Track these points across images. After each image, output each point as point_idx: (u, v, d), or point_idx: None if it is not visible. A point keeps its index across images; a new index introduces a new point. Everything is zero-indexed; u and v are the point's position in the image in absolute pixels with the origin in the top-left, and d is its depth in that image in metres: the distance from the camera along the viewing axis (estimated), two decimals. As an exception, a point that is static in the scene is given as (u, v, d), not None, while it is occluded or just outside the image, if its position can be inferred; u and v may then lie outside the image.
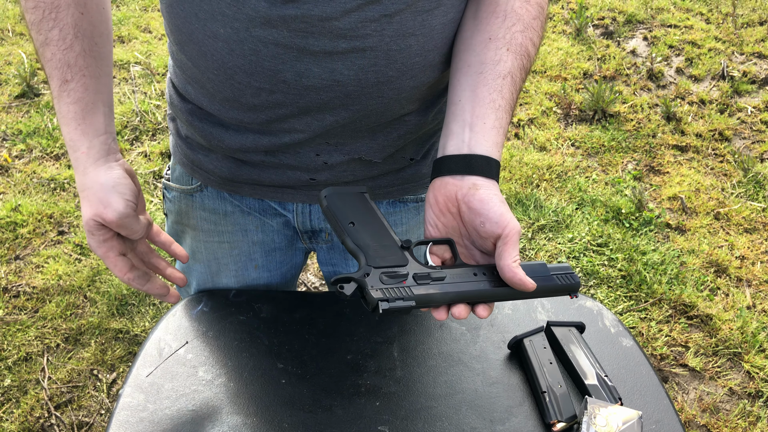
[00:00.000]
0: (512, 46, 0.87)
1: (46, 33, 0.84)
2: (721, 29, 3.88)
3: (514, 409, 0.91)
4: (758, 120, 3.21)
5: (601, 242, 2.56)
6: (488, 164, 0.82)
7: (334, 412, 0.90)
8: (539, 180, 2.86)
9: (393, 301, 0.74)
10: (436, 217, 0.83)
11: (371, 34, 0.83)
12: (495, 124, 0.84)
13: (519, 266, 0.76)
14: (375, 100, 0.90)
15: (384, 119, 0.95)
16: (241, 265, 1.12)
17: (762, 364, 2.10)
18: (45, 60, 0.86)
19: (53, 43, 0.84)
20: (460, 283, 0.78)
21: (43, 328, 2.18)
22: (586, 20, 3.83)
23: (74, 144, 0.86)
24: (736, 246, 2.54)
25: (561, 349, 0.98)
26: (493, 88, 0.85)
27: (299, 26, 0.82)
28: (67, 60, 0.85)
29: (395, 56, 0.86)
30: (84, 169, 0.85)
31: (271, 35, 0.82)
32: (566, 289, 0.84)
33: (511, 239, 0.77)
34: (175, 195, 1.12)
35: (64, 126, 0.86)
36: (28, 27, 0.87)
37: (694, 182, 2.85)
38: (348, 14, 0.81)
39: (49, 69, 0.86)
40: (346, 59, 0.85)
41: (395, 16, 0.83)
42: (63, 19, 0.84)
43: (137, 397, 0.90)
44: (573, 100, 3.31)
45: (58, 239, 2.53)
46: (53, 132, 3.06)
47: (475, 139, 0.83)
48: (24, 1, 0.86)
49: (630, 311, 2.30)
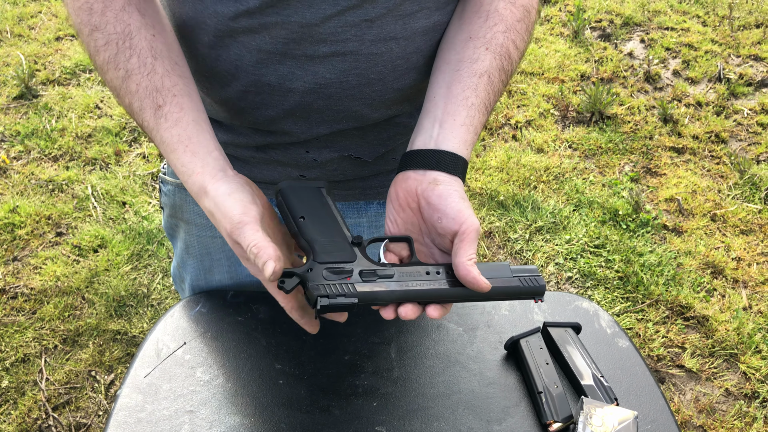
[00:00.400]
0: (492, 46, 0.86)
1: (125, 65, 0.78)
2: (717, 32, 3.89)
3: (510, 409, 0.92)
4: (754, 122, 3.22)
5: (599, 243, 2.56)
6: (453, 161, 0.81)
7: (331, 412, 0.90)
8: (537, 181, 2.87)
9: (334, 297, 0.72)
10: (395, 212, 0.82)
11: (351, 38, 0.84)
12: (465, 122, 0.83)
13: (474, 265, 0.74)
14: (358, 102, 0.91)
15: (371, 120, 0.95)
16: (234, 261, 1.12)
17: (758, 365, 2.11)
18: (131, 95, 0.79)
19: (135, 71, 0.78)
20: (409, 281, 0.75)
21: (41, 330, 2.18)
22: (583, 22, 3.84)
23: (187, 168, 0.77)
24: (733, 247, 2.55)
25: (557, 350, 0.98)
26: (468, 85, 0.84)
27: (280, 33, 0.83)
28: (153, 85, 0.78)
29: (376, 59, 0.87)
30: (204, 189, 0.76)
31: (254, 41, 0.84)
32: (530, 292, 0.80)
33: (468, 236, 0.75)
34: (170, 188, 1.12)
35: (171, 154, 0.78)
36: (103, 70, 0.80)
37: (691, 184, 2.85)
38: (329, 20, 0.82)
39: (138, 102, 0.79)
40: (327, 63, 0.85)
41: (376, 20, 0.84)
42: (138, 45, 0.79)
43: (135, 398, 0.91)
44: (570, 102, 3.32)
45: (56, 240, 2.53)
46: (51, 133, 3.06)
47: (443, 135, 0.82)
48: (93, 42, 0.79)
49: (627, 312, 2.30)
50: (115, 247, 2.49)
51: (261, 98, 0.90)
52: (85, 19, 0.79)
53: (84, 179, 2.83)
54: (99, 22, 0.78)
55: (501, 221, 2.66)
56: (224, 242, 1.11)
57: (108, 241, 2.51)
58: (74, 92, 3.37)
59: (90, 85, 3.44)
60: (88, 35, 0.79)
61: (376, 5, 0.83)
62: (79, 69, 3.56)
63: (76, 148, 3.00)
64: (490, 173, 2.90)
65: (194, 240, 1.13)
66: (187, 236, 1.14)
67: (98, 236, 2.53)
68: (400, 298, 0.74)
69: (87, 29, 0.79)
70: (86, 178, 2.84)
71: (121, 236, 2.54)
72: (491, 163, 2.95)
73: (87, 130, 3.11)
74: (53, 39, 3.81)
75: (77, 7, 0.79)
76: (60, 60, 3.63)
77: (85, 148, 3.01)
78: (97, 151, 2.99)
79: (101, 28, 0.78)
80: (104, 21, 0.78)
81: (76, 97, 3.33)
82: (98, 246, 2.51)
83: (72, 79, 3.49)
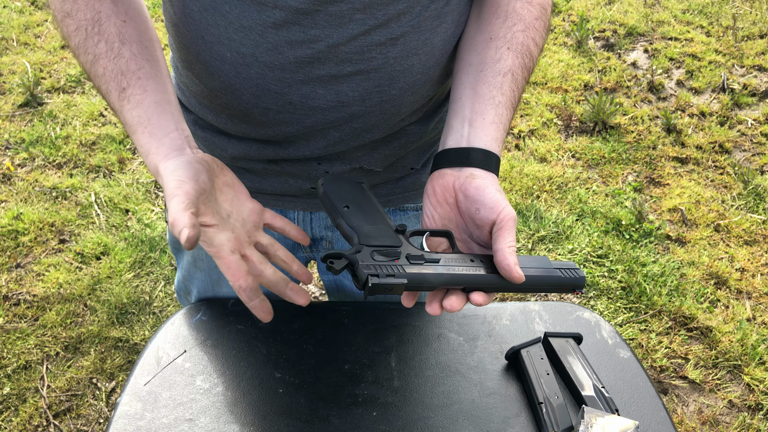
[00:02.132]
0: (513, 45, 0.87)
1: (93, 49, 0.81)
2: (721, 42, 3.90)
3: (510, 420, 0.91)
4: (758, 132, 3.22)
5: (601, 254, 2.56)
6: (486, 157, 0.82)
7: (331, 421, 0.90)
8: (539, 191, 2.86)
9: (384, 276, 0.72)
10: (432, 208, 0.83)
11: (376, 57, 0.84)
12: (494, 120, 0.84)
13: (513, 252, 0.74)
14: (378, 117, 0.91)
15: (386, 132, 0.96)
16: None
17: (762, 376, 2.10)
18: (99, 78, 0.81)
19: (102, 56, 0.80)
20: (455, 266, 0.75)
21: (42, 337, 2.18)
22: (587, 32, 3.85)
23: (144, 149, 0.79)
24: (736, 258, 2.54)
25: (558, 360, 0.98)
26: (493, 85, 0.85)
27: (306, 53, 0.82)
28: (119, 68, 0.80)
29: (398, 76, 0.87)
30: (157, 169, 0.77)
31: (278, 60, 0.83)
32: (570, 284, 0.80)
33: (506, 225, 0.76)
34: None
35: (132, 135, 0.80)
36: (75, 54, 0.83)
37: (695, 194, 2.85)
38: (355, 39, 0.82)
39: (105, 85, 0.81)
40: (351, 81, 0.86)
41: (400, 38, 0.84)
42: (106, 30, 0.81)
43: (135, 406, 0.90)
44: (573, 112, 3.32)
45: (59, 248, 2.54)
46: (56, 141, 3.07)
47: (474, 133, 0.84)
48: (65, 27, 0.82)
49: (630, 323, 2.30)
50: (117, 254, 2.49)
51: (282, 116, 0.90)
52: (59, 5, 0.82)
53: (87, 187, 2.84)
54: (71, 8, 0.81)
55: (504, 230, 2.66)
56: None
57: (111, 249, 2.52)
58: (79, 100, 3.39)
59: (94, 93, 3.46)
60: (61, 21, 0.83)
61: (401, 23, 0.83)
62: (84, 77, 3.58)
63: (80, 155, 3.02)
64: (493, 182, 2.90)
65: (203, 253, 1.13)
66: (195, 250, 1.13)
67: (101, 244, 2.54)
68: (448, 282, 0.74)
69: (60, 15, 0.82)
70: (90, 185, 2.85)
71: (124, 244, 2.54)
72: (494, 173, 2.95)
73: (91, 138, 3.12)
74: (59, 47, 3.83)
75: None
76: (65, 68, 3.65)
77: (89, 156, 3.02)
78: (101, 158, 3.00)
79: (72, 14, 0.81)
80: (75, 8, 0.81)
81: (80, 105, 3.34)
82: (101, 253, 2.51)
83: (77, 87, 3.51)
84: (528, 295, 2.43)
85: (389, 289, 0.72)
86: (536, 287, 0.80)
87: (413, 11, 0.83)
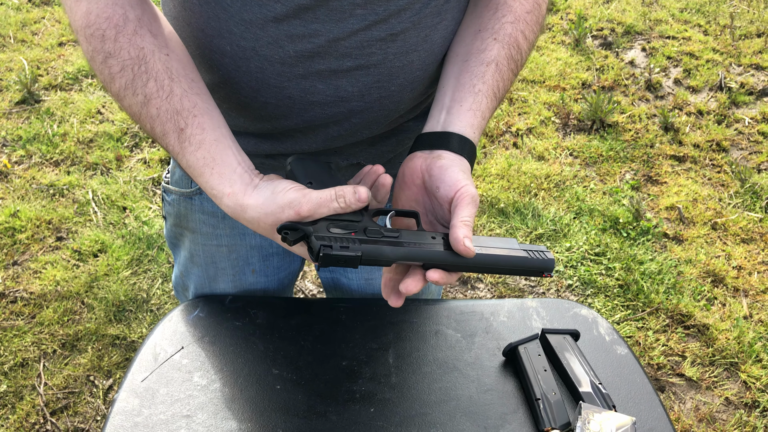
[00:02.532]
0: (500, 36, 0.88)
1: (143, 89, 0.77)
2: (719, 41, 3.90)
3: (508, 416, 0.92)
4: (755, 131, 3.23)
5: (599, 251, 2.56)
6: (459, 141, 0.82)
7: (328, 418, 0.90)
8: (537, 189, 2.87)
9: (337, 249, 0.71)
10: (399, 190, 0.83)
11: (376, 52, 0.84)
12: (472, 107, 0.85)
13: (465, 225, 0.74)
14: (377, 113, 0.91)
15: (384, 129, 0.96)
16: (239, 270, 1.12)
17: (758, 374, 2.11)
18: (153, 120, 0.78)
19: (153, 96, 0.77)
20: (414, 242, 0.75)
21: (39, 334, 2.18)
22: (585, 31, 3.85)
23: (217, 192, 0.78)
24: (733, 256, 2.55)
25: (555, 357, 0.98)
26: (475, 74, 0.86)
27: (306, 47, 0.82)
28: (173, 107, 0.77)
29: (398, 72, 0.87)
30: (242, 206, 0.76)
31: (278, 54, 0.83)
32: (537, 266, 0.79)
33: (462, 200, 0.76)
34: (175, 198, 1.12)
35: (199, 178, 0.78)
36: (120, 97, 0.79)
37: (692, 192, 2.85)
38: (355, 34, 0.82)
39: (160, 127, 0.78)
40: (350, 77, 0.86)
41: (400, 34, 0.84)
42: (153, 68, 0.77)
43: (132, 402, 0.90)
44: (571, 110, 3.32)
45: (56, 245, 2.54)
46: (53, 138, 3.07)
47: (450, 119, 0.84)
48: (107, 69, 0.77)
49: (627, 320, 2.30)
50: (115, 252, 2.49)
51: (281, 110, 0.90)
52: (98, 46, 0.77)
53: (85, 184, 2.83)
54: (112, 48, 0.76)
55: (501, 228, 2.66)
56: (230, 251, 1.11)
57: (108, 246, 2.51)
58: (76, 97, 3.39)
59: (92, 91, 3.45)
60: (101, 63, 0.78)
61: (401, 19, 0.83)
62: (81, 74, 3.57)
63: (78, 153, 3.01)
64: (490, 180, 2.90)
65: (199, 249, 1.13)
66: (192, 245, 1.13)
67: (98, 241, 2.53)
68: (405, 257, 0.74)
69: (101, 56, 0.77)
70: (87, 182, 2.84)
71: (121, 241, 2.54)
72: (492, 171, 2.95)
73: (88, 135, 3.11)
74: (56, 44, 3.83)
75: (89, 35, 0.77)
76: (62, 65, 3.64)
77: (87, 153, 3.01)
78: (99, 156, 2.99)
79: (115, 54, 0.76)
80: (118, 47, 0.76)
81: (78, 103, 3.34)
82: (98, 251, 2.51)
83: (74, 85, 3.50)
84: (525, 293, 2.43)
85: (343, 261, 0.71)
86: (499, 267, 0.78)
87: (413, 7, 0.83)
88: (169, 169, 1.14)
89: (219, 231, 1.10)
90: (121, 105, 0.80)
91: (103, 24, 0.76)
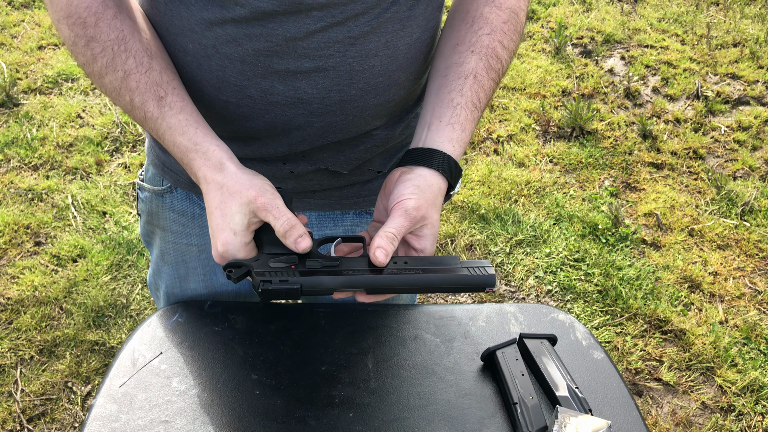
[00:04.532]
0: (477, 48, 0.90)
1: (123, 66, 0.83)
2: (696, 50, 3.97)
3: (486, 420, 0.92)
4: (731, 139, 3.28)
5: (578, 257, 2.59)
6: (438, 157, 0.86)
7: (307, 423, 0.90)
8: (518, 195, 2.89)
9: (277, 283, 0.76)
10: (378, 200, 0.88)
11: (334, 54, 0.86)
12: (451, 121, 0.88)
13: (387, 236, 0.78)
14: (339, 117, 0.92)
15: (349, 134, 0.97)
16: (209, 270, 1.12)
17: (734, 378, 2.14)
18: (132, 92, 0.83)
19: (133, 71, 0.83)
20: (353, 269, 0.80)
21: (17, 340, 2.15)
22: (565, 39, 3.89)
23: (200, 146, 0.83)
24: (710, 262, 2.59)
25: (533, 361, 0.99)
26: (453, 87, 0.89)
27: (264, 45, 0.84)
28: (153, 80, 0.83)
29: (358, 76, 0.88)
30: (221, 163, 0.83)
31: (237, 53, 0.85)
32: (478, 282, 0.83)
33: (395, 212, 0.80)
34: (147, 195, 1.13)
35: (180, 136, 0.83)
36: (100, 75, 0.84)
37: (669, 199, 2.89)
38: (312, 35, 0.84)
39: (139, 97, 0.83)
40: (309, 78, 0.87)
41: (359, 38, 0.85)
42: (133, 47, 0.83)
43: (110, 408, 0.90)
44: (551, 117, 3.36)
45: (34, 250, 2.51)
46: (32, 142, 3.04)
47: (431, 136, 0.88)
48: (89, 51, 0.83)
49: (606, 326, 2.32)
50: (94, 257, 2.47)
51: (242, 110, 0.91)
52: (80, 32, 0.82)
53: (64, 188, 2.81)
54: (94, 33, 0.82)
55: (482, 234, 2.68)
56: (200, 250, 1.11)
57: (87, 251, 2.49)
58: (56, 101, 3.36)
59: (72, 95, 3.42)
60: (84, 46, 0.83)
61: (359, 23, 0.84)
62: (61, 78, 3.54)
63: (57, 157, 2.98)
64: (471, 187, 2.92)
65: (170, 247, 1.13)
66: (163, 243, 1.14)
67: (77, 246, 2.51)
68: (343, 285, 0.79)
69: (83, 41, 0.83)
70: (66, 187, 2.82)
71: (101, 246, 2.52)
72: (473, 177, 2.97)
73: (68, 140, 3.09)
74: (36, 48, 3.79)
75: (71, 24, 0.82)
76: (42, 69, 3.61)
77: (66, 158, 2.99)
78: (78, 160, 2.97)
79: (97, 37, 0.82)
80: (98, 31, 0.82)
81: (57, 107, 3.31)
82: (77, 256, 2.49)
83: (54, 88, 3.47)
84: (506, 298, 2.44)
85: (284, 294, 0.76)
86: (436, 286, 0.82)
87: (372, 12, 0.85)
88: (144, 166, 1.15)
89: (189, 230, 1.10)
90: (100, 83, 0.85)
91: (83, 12, 0.82)
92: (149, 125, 0.85)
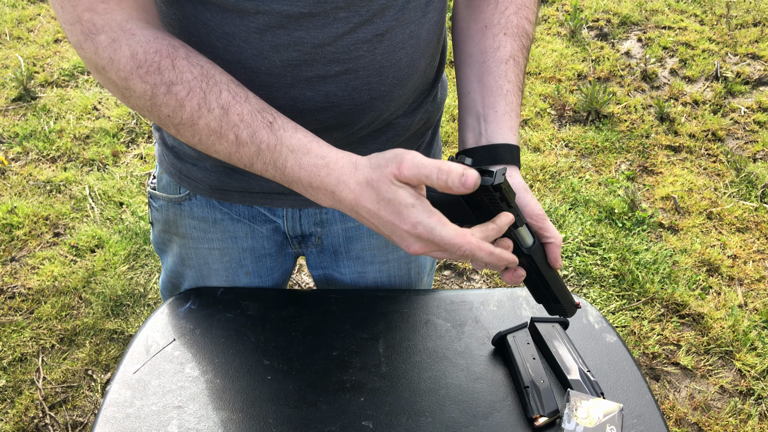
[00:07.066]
0: (509, 30, 0.90)
1: (218, 101, 0.74)
2: (714, 30, 3.90)
3: (497, 404, 0.92)
4: (751, 120, 3.23)
5: (594, 242, 2.57)
6: (507, 151, 0.87)
7: (318, 407, 0.91)
8: (533, 180, 2.87)
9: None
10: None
11: (364, 54, 0.83)
12: (506, 110, 0.88)
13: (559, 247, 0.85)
14: (368, 115, 0.91)
15: (374, 128, 0.96)
16: (232, 272, 1.12)
17: (753, 362, 2.12)
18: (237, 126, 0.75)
19: (231, 103, 0.75)
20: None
21: (38, 329, 2.19)
22: (580, 22, 3.85)
23: (330, 159, 0.74)
24: (729, 245, 2.56)
25: (544, 345, 0.99)
26: (498, 74, 0.89)
27: (292, 55, 0.81)
28: (254, 107, 0.76)
29: (386, 72, 0.87)
30: (353, 163, 0.74)
31: (264, 65, 0.82)
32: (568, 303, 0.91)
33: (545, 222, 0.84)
34: (162, 204, 1.11)
35: (305, 155, 0.75)
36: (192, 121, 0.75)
37: (687, 182, 2.86)
38: (341, 38, 0.81)
39: (247, 129, 0.75)
40: (339, 81, 0.85)
41: (386, 33, 0.83)
42: (221, 79, 0.76)
43: (124, 394, 0.91)
44: (567, 102, 3.33)
45: (53, 241, 2.54)
46: (49, 135, 3.07)
47: (491, 129, 0.88)
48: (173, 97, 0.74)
49: (622, 310, 2.31)
50: (112, 247, 2.50)
51: None
52: (157, 80, 0.74)
53: (82, 180, 2.84)
54: (173, 76, 0.74)
55: (497, 220, 2.66)
56: (222, 254, 1.11)
57: (105, 242, 2.52)
58: (72, 94, 3.39)
59: (88, 87, 3.45)
60: (165, 94, 0.74)
61: (385, 18, 0.82)
62: (77, 71, 3.57)
63: (74, 149, 3.01)
64: (486, 172, 2.90)
65: (191, 252, 1.12)
66: (182, 250, 1.13)
67: (95, 236, 2.54)
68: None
69: (163, 89, 0.74)
70: (84, 178, 2.85)
71: (118, 236, 2.55)
72: (488, 163, 2.96)
73: (85, 132, 3.12)
74: (52, 41, 3.82)
75: (143, 75, 0.74)
76: (58, 62, 3.64)
77: (83, 150, 3.02)
78: (95, 152, 3.00)
79: (178, 80, 0.74)
80: (178, 73, 0.74)
81: (74, 99, 3.34)
82: (95, 246, 2.52)
83: (70, 81, 3.50)
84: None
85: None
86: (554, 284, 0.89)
87: (396, 4, 0.82)
88: (155, 175, 1.12)
89: (210, 235, 1.09)
90: (193, 132, 0.77)
91: (155, 58, 0.73)
92: (264, 158, 0.76)
